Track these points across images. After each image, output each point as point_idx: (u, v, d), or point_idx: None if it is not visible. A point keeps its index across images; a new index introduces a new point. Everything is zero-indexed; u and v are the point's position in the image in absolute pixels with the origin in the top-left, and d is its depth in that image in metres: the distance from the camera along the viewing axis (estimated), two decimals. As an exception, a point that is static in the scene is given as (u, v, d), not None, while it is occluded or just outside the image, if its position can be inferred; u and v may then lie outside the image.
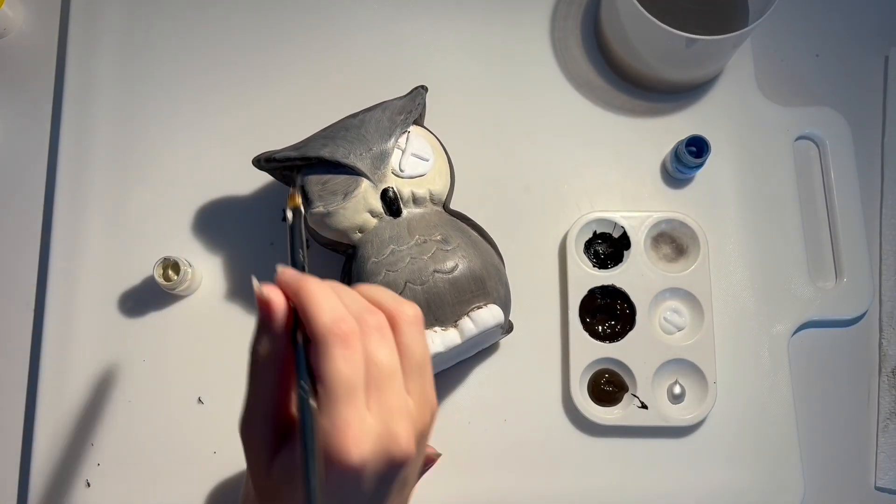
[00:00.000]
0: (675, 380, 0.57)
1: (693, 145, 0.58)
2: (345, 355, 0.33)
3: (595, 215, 0.58)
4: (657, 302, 0.57)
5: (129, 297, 0.59)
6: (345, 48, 0.64)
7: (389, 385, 0.34)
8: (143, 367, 0.57)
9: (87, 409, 0.57)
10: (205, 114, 0.62)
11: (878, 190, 0.63)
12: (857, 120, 0.63)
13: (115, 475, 0.56)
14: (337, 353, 0.33)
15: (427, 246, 0.50)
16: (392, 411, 0.33)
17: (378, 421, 0.33)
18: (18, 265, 0.60)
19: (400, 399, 0.34)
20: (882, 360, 0.59)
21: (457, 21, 0.65)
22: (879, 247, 0.62)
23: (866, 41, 0.66)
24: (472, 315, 0.49)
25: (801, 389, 0.58)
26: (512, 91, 0.63)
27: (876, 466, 0.58)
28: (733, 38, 0.54)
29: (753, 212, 0.61)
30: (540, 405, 0.57)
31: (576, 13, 0.65)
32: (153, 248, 0.59)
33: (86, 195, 0.60)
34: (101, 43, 0.63)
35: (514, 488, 0.56)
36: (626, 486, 0.56)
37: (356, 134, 0.51)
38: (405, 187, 0.51)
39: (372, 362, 0.33)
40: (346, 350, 0.33)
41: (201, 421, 0.56)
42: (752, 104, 0.63)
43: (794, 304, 0.59)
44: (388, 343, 0.34)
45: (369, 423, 0.33)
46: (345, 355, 0.33)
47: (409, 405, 0.34)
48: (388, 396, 0.33)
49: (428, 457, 0.47)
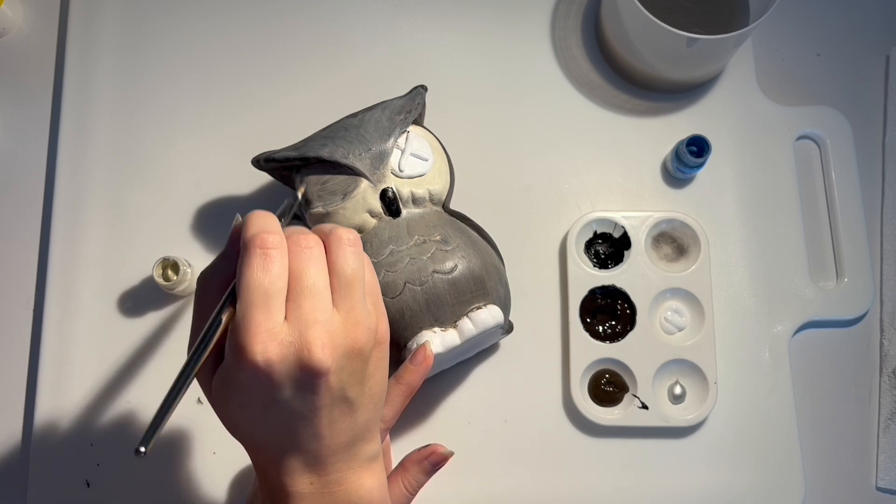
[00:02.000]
0: (676, 380, 0.57)
1: (694, 145, 0.58)
2: (263, 264, 0.35)
3: (595, 215, 0.58)
4: (658, 302, 0.57)
5: (129, 297, 0.58)
6: (345, 47, 0.64)
7: (311, 298, 0.35)
8: (143, 367, 0.57)
9: (87, 409, 0.57)
10: (204, 113, 0.62)
11: (879, 189, 0.62)
12: (859, 119, 0.63)
13: (115, 475, 0.56)
14: (255, 262, 0.35)
15: (426, 246, 0.50)
16: (308, 322, 0.35)
17: (292, 329, 0.35)
18: (18, 265, 0.60)
19: (320, 312, 0.35)
20: (883, 360, 0.59)
21: (457, 21, 0.64)
22: (880, 247, 0.61)
23: (867, 40, 0.65)
24: (472, 315, 0.49)
25: (802, 390, 0.58)
26: (512, 91, 0.63)
27: (877, 467, 0.57)
28: (734, 38, 0.54)
29: (754, 211, 0.61)
30: (540, 405, 0.57)
31: (576, 12, 0.65)
32: (152, 248, 0.59)
33: (85, 195, 0.60)
34: (100, 42, 0.63)
35: (514, 489, 0.56)
36: (626, 487, 0.56)
37: (355, 134, 0.51)
38: (404, 187, 0.51)
39: (294, 276, 0.36)
40: (265, 259, 0.35)
41: (201, 421, 0.56)
42: (753, 104, 0.63)
43: (795, 305, 0.59)
44: (316, 262, 0.36)
45: (280, 329, 0.35)
46: (263, 264, 0.35)
47: (332, 320, 0.36)
48: (307, 309, 0.35)
49: (440, 455, 0.47)
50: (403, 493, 0.46)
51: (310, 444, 0.38)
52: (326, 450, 0.38)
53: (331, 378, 0.36)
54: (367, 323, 0.37)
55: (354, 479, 0.39)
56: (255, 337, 0.34)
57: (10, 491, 0.57)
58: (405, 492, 0.46)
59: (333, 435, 0.38)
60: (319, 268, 0.36)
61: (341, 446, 0.38)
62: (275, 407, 0.36)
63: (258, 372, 0.35)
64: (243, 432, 0.39)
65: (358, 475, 0.39)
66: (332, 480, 0.39)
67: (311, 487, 0.38)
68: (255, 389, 0.36)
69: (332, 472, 0.39)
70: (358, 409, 0.38)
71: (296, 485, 0.38)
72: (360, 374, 0.38)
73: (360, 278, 0.37)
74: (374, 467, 0.41)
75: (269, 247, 0.35)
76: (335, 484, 0.39)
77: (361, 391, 0.38)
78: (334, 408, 0.37)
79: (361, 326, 0.37)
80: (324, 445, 0.38)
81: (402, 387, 0.46)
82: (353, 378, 0.37)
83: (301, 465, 0.38)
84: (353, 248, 0.38)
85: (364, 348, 0.37)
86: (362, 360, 0.37)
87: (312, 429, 0.37)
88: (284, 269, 0.36)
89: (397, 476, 0.47)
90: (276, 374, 0.35)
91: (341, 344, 0.36)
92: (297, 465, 0.38)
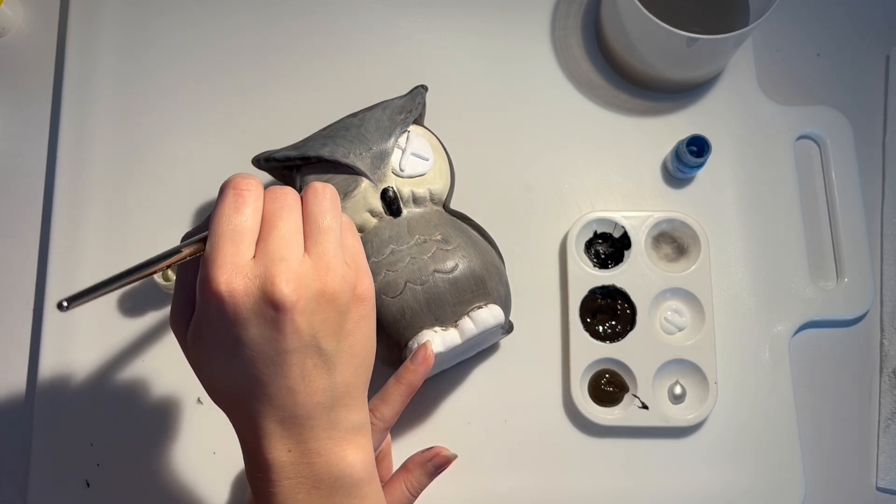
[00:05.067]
0: (676, 380, 0.57)
1: (694, 145, 0.58)
2: (235, 204, 0.36)
3: (595, 215, 0.58)
4: (658, 302, 0.57)
5: (129, 297, 0.58)
6: (345, 47, 0.64)
7: (280, 239, 0.36)
8: (143, 367, 0.57)
9: (87, 409, 0.57)
10: (204, 113, 0.62)
11: (880, 189, 0.63)
12: (859, 119, 0.63)
13: (115, 475, 0.56)
14: (227, 201, 0.36)
15: (427, 246, 0.50)
16: (275, 258, 0.35)
17: (258, 264, 0.35)
18: (18, 264, 0.60)
19: (289, 252, 0.36)
20: (883, 360, 0.59)
21: (457, 20, 0.64)
22: (881, 246, 0.61)
23: (868, 40, 0.65)
24: (473, 315, 0.49)
25: (802, 389, 0.58)
26: (512, 90, 0.63)
27: (877, 467, 0.57)
28: (734, 38, 0.54)
29: (754, 211, 0.61)
30: (540, 405, 0.57)
31: (576, 12, 0.65)
32: (152, 248, 0.58)
33: (85, 194, 0.60)
34: (100, 42, 0.63)
35: (514, 489, 0.56)
36: (626, 487, 0.56)
37: (356, 133, 0.51)
38: (405, 187, 0.51)
39: (267, 220, 0.36)
40: (237, 199, 0.36)
41: (201, 421, 0.56)
42: (753, 103, 0.63)
43: (795, 304, 0.59)
44: (290, 209, 0.37)
45: (247, 264, 0.35)
46: (235, 204, 0.36)
47: (302, 261, 0.36)
48: (276, 247, 0.35)
49: (444, 458, 0.47)
50: (406, 494, 0.46)
51: (284, 399, 0.36)
52: (302, 408, 0.37)
53: (297, 317, 0.35)
54: (341, 271, 0.37)
55: (336, 451, 0.38)
56: (221, 268, 0.35)
57: (10, 491, 0.57)
58: (407, 493, 0.46)
59: (308, 391, 0.37)
60: (294, 216, 0.37)
61: (319, 408, 0.37)
62: (244, 350, 0.35)
63: (223, 305, 0.34)
64: (217, 385, 0.38)
65: (340, 447, 0.38)
66: (312, 450, 0.37)
67: (290, 456, 0.37)
68: (222, 327, 0.35)
69: (311, 440, 0.37)
70: (335, 367, 0.37)
71: (273, 450, 0.37)
72: (335, 325, 0.37)
73: (334, 228, 0.37)
74: (357, 440, 0.39)
75: (242, 188, 0.36)
76: (315, 454, 0.37)
77: (338, 345, 0.37)
78: (306, 357, 0.36)
79: (333, 273, 0.36)
80: (298, 403, 0.37)
81: (403, 386, 0.46)
82: (327, 327, 0.36)
83: (277, 425, 0.37)
84: (328, 198, 0.38)
85: (337, 296, 0.36)
86: (336, 309, 0.36)
87: (284, 379, 0.36)
88: (257, 212, 0.36)
89: (399, 477, 0.46)
90: (241, 309, 0.34)
91: (310, 285, 0.35)
92: (273, 426, 0.37)
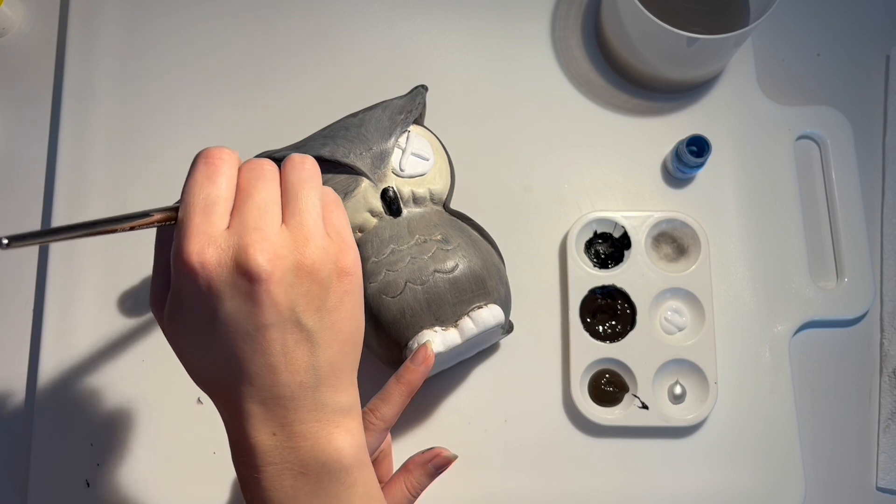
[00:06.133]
0: (676, 380, 0.57)
1: (694, 145, 0.58)
2: (207, 173, 0.35)
3: (595, 215, 0.58)
4: (658, 302, 0.57)
5: (129, 297, 0.58)
6: (345, 47, 0.64)
7: (256, 209, 0.35)
8: (143, 367, 0.57)
9: (87, 409, 0.57)
10: (204, 113, 0.62)
11: (880, 189, 0.63)
12: (859, 119, 0.63)
13: (115, 475, 0.56)
14: (199, 170, 0.35)
15: (427, 245, 0.50)
16: (249, 228, 0.34)
17: (232, 234, 0.34)
18: (18, 265, 0.60)
19: (264, 222, 0.34)
20: (883, 360, 0.59)
21: (457, 21, 0.65)
22: (881, 246, 0.61)
23: (868, 40, 0.65)
24: (473, 315, 0.49)
25: (802, 389, 0.58)
26: (512, 90, 0.63)
27: (877, 467, 0.57)
28: (734, 38, 0.54)
29: (754, 211, 0.61)
30: (540, 405, 0.57)
31: (576, 12, 0.65)
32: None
33: (85, 194, 0.60)
34: (100, 42, 0.63)
35: (514, 489, 0.56)
36: (626, 487, 0.56)
37: (356, 133, 0.51)
38: (405, 187, 0.51)
39: (242, 189, 0.35)
40: (209, 168, 0.35)
41: (201, 421, 0.56)
42: (753, 103, 0.63)
43: (796, 304, 0.59)
44: (267, 179, 0.36)
45: (220, 235, 0.34)
46: (207, 173, 0.35)
47: (279, 232, 0.35)
48: (250, 217, 0.34)
49: (445, 458, 0.47)
50: (406, 495, 0.46)
51: (264, 377, 0.35)
52: (284, 388, 0.35)
53: (274, 289, 0.34)
54: (321, 243, 0.35)
55: (323, 435, 0.36)
56: (192, 238, 0.34)
57: (10, 491, 0.57)
58: (407, 494, 0.46)
59: (290, 369, 0.35)
60: (270, 185, 0.36)
61: (303, 388, 0.36)
62: (220, 326, 0.34)
63: (196, 277, 0.33)
64: (196, 365, 0.37)
65: (327, 430, 0.36)
66: (297, 433, 0.36)
67: (274, 440, 0.36)
68: (196, 301, 0.34)
69: (295, 423, 0.36)
70: (318, 344, 0.36)
71: (257, 434, 0.36)
72: (317, 299, 0.35)
73: (313, 199, 0.36)
74: (346, 423, 0.37)
75: (216, 157, 0.35)
76: (300, 437, 0.36)
77: (320, 321, 0.36)
78: (286, 332, 0.35)
79: (313, 244, 0.35)
80: (280, 382, 0.35)
81: (403, 386, 0.46)
82: (308, 301, 0.35)
83: (259, 406, 0.35)
84: (307, 168, 0.37)
85: (317, 268, 0.35)
86: (317, 282, 0.35)
87: (264, 356, 0.35)
88: (231, 181, 0.35)
89: (400, 478, 0.46)
90: (215, 281, 0.33)
91: (287, 256, 0.34)
92: (255, 407, 0.35)
